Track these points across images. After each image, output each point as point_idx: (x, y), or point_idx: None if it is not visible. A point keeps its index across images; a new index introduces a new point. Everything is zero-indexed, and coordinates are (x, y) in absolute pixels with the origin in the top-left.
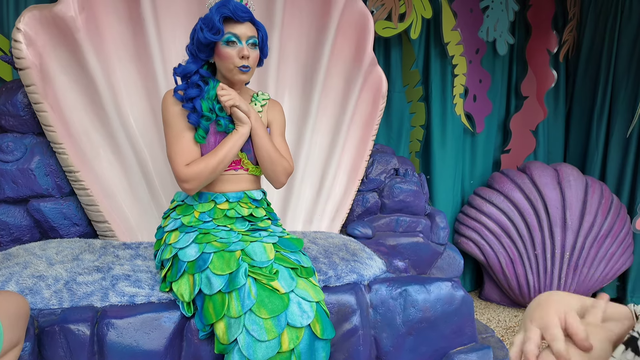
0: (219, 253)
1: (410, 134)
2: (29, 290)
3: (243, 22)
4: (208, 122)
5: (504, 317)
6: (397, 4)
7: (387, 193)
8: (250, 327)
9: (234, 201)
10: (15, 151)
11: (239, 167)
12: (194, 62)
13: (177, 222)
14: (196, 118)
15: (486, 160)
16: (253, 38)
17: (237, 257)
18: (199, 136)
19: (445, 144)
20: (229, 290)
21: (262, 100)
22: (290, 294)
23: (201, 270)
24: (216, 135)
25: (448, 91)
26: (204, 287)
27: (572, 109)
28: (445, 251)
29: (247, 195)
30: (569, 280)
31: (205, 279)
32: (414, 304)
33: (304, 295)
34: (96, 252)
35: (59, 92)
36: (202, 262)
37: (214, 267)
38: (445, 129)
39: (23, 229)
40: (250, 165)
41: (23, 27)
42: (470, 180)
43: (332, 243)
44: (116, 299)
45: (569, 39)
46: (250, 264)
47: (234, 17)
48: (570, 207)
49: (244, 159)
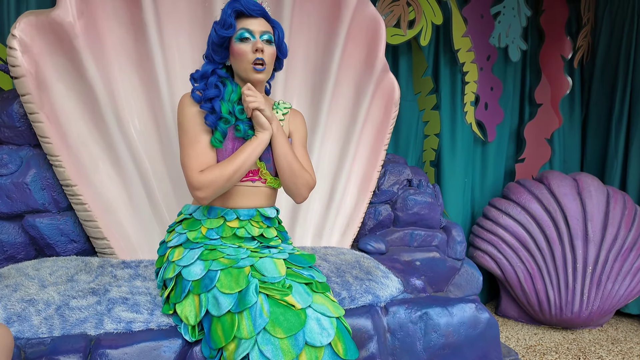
0: (227, 270)
1: (424, 143)
2: (17, 317)
3: (256, 16)
4: (226, 125)
5: (524, 335)
6: (406, 10)
7: (400, 205)
8: (265, 347)
9: (245, 219)
10: (10, 164)
11: (256, 179)
12: (210, 64)
13: (182, 237)
14: (214, 119)
15: (498, 169)
16: (267, 34)
17: (247, 274)
18: (216, 140)
19: (455, 153)
20: (239, 310)
21: (284, 109)
22: (307, 310)
23: (207, 290)
24: (234, 141)
25: (458, 99)
26: (211, 307)
27: (589, 116)
28: (463, 267)
29: (259, 213)
30: (592, 296)
31: (212, 298)
32: (436, 329)
33: (323, 310)
34: (93, 272)
35: (56, 102)
36: (208, 280)
37: (221, 285)
38: (455, 138)
39: (17, 246)
40: (268, 176)
41: (18, 34)
42: (480, 192)
43: (344, 260)
44: (112, 326)
45: (584, 44)
46: (261, 279)
47: (246, 11)
48: (592, 219)
49: (262, 169)
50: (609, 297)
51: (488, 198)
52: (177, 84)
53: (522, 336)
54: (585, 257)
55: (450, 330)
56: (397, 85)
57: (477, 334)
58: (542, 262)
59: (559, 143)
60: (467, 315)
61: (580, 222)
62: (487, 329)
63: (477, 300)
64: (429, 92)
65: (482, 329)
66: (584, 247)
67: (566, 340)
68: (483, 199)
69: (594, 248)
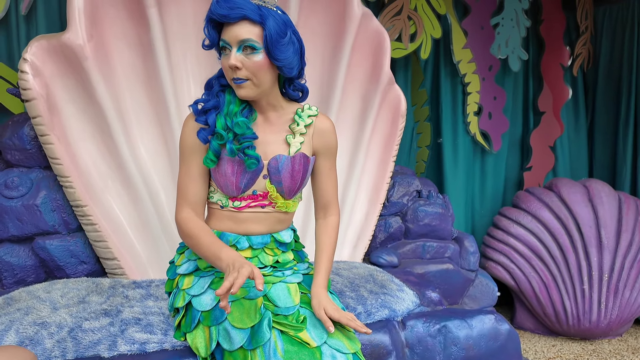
0: (238, 302)
1: (416, 155)
2: (29, 341)
3: (233, 22)
4: (220, 142)
5: (541, 347)
6: (407, 25)
7: (411, 217)
8: None
9: (259, 247)
10: (20, 187)
11: (265, 203)
12: (218, 73)
13: (191, 265)
14: (205, 135)
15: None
16: (248, 41)
17: (259, 306)
18: (208, 159)
19: (457, 164)
20: (252, 347)
21: (307, 118)
22: (322, 347)
23: (218, 323)
24: (233, 164)
25: (459, 111)
26: (222, 340)
27: (594, 122)
28: (477, 278)
29: (274, 239)
30: (610, 305)
31: (223, 331)
32: (456, 342)
33: (338, 346)
34: (104, 293)
35: (66, 123)
36: (219, 312)
37: (232, 319)
38: (457, 149)
39: (27, 269)
40: (279, 200)
41: (30, 57)
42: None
43: (357, 274)
44: (125, 347)
45: (583, 52)
46: (274, 312)
47: (217, 18)
48: (605, 226)
49: (272, 192)
50: (627, 305)
51: (490, 208)
52: (185, 103)
53: (539, 348)
54: (601, 265)
55: (471, 343)
56: (403, 97)
57: (498, 346)
58: (557, 271)
59: (561, 150)
60: (487, 327)
61: (593, 229)
62: (508, 340)
63: (495, 312)
64: (423, 104)
65: (503, 341)
66: (598, 254)
67: (586, 352)
68: (484, 209)
69: (609, 255)
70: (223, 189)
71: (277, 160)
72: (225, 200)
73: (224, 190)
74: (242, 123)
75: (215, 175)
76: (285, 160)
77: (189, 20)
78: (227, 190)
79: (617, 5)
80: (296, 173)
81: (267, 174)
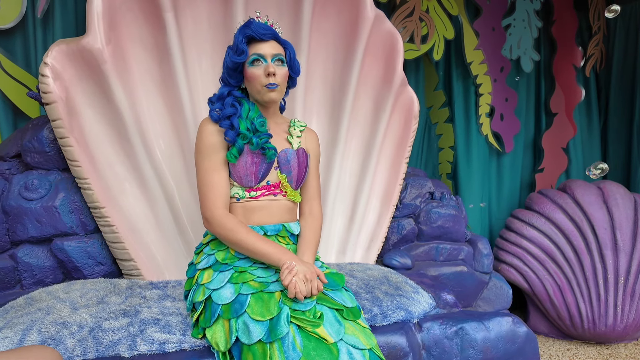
0: (257, 295)
1: (439, 156)
2: (51, 340)
3: (267, 40)
4: (244, 141)
5: (556, 351)
6: (419, 26)
7: (423, 219)
8: None
9: (272, 234)
10: (39, 189)
11: (277, 192)
12: (226, 87)
13: (210, 259)
14: (233, 135)
15: (515, 180)
16: (279, 55)
17: (277, 300)
18: (231, 155)
19: (471, 165)
20: (271, 340)
21: (300, 126)
22: (339, 343)
23: (238, 315)
24: (253, 156)
25: (472, 112)
26: (241, 334)
27: (608, 123)
28: (491, 280)
29: (285, 229)
30: (626, 309)
31: (242, 325)
32: (473, 344)
33: (354, 342)
34: (122, 294)
35: (85, 126)
36: (238, 305)
37: (252, 311)
38: (471, 150)
39: (46, 270)
40: (289, 189)
41: (50, 61)
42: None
43: (372, 275)
44: (145, 347)
45: (596, 52)
46: (292, 307)
47: (257, 35)
48: (620, 228)
49: (283, 181)
50: None
51: (505, 209)
52: (200, 106)
53: (554, 352)
54: (617, 268)
55: (488, 345)
56: (416, 99)
57: (515, 348)
58: (571, 274)
59: (574, 152)
60: (505, 330)
61: (609, 231)
62: (526, 343)
63: (512, 314)
64: (441, 106)
65: (521, 343)
66: (614, 257)
67: (601, 356)
68: (500, 211)
69: (625, 258)
70: (242, 180)
71: (285, 153)
72: (242, 192)
73: (242, 182)
74: (263, 123)
75: (234, 170)
76: (292, 153)
77: (204, 25)
78: (246, 181)
79: (629, 6)
80: (301, 164)
81: (277, 166)
